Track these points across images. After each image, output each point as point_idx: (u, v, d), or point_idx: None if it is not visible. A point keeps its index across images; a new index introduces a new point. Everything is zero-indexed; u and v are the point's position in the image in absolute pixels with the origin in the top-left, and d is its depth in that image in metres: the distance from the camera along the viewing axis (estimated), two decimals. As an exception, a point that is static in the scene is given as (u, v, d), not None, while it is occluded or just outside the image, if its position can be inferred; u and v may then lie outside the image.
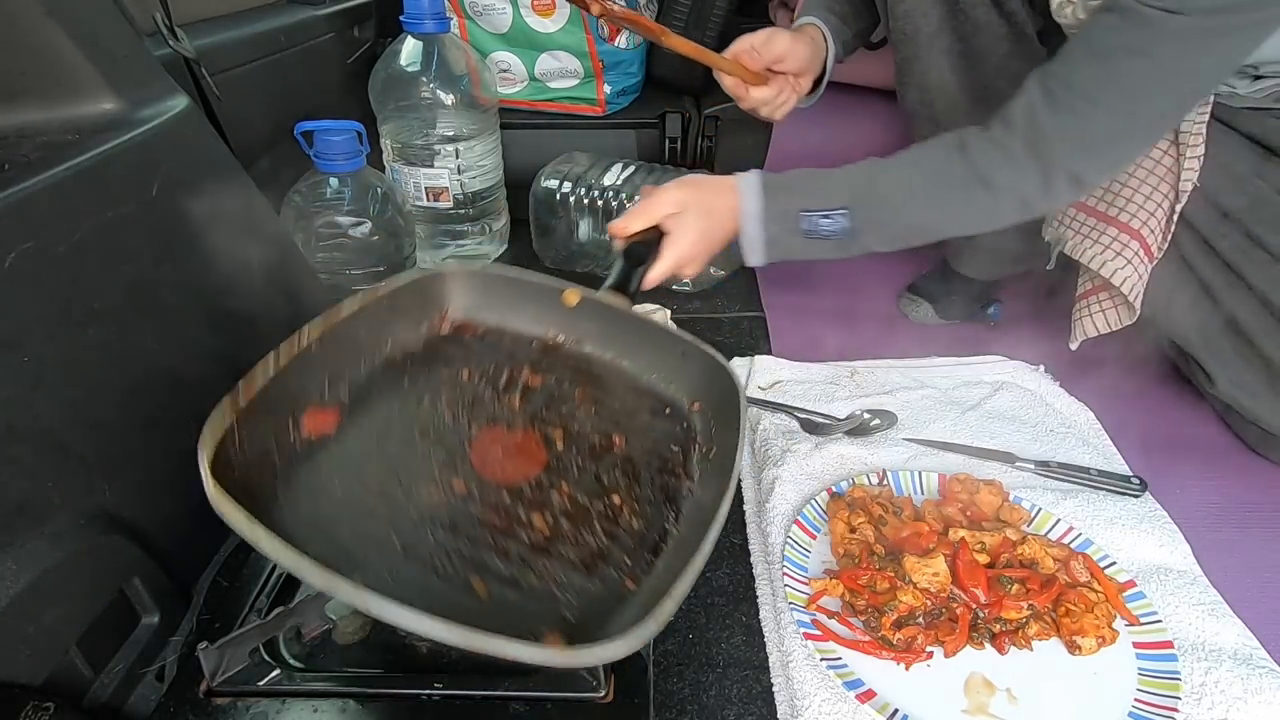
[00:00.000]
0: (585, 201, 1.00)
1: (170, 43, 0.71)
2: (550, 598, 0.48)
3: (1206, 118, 0.68)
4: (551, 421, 0.60)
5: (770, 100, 0.81)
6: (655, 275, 0.69)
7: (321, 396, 0.55)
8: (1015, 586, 0.54)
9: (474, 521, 0.51)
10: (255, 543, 0.41)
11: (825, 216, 0.69)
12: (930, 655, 0.52)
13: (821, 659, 0.51)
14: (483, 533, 0.51)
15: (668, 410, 0.63)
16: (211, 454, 0.43)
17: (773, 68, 0.80)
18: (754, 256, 0.73)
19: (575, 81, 1.13)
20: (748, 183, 0.71)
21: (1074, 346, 0.80)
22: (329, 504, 0.50)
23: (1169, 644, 0.53)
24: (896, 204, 0.69)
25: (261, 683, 0.49)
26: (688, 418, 0.63)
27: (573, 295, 0.65)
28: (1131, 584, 0.57)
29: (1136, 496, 0.67)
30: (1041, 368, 0.84)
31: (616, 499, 0.55)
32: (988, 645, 0.53)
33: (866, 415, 0.75)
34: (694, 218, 0.70)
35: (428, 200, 1.01)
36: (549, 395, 0.62)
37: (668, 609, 0.41)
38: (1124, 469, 0.71)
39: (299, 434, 0.53)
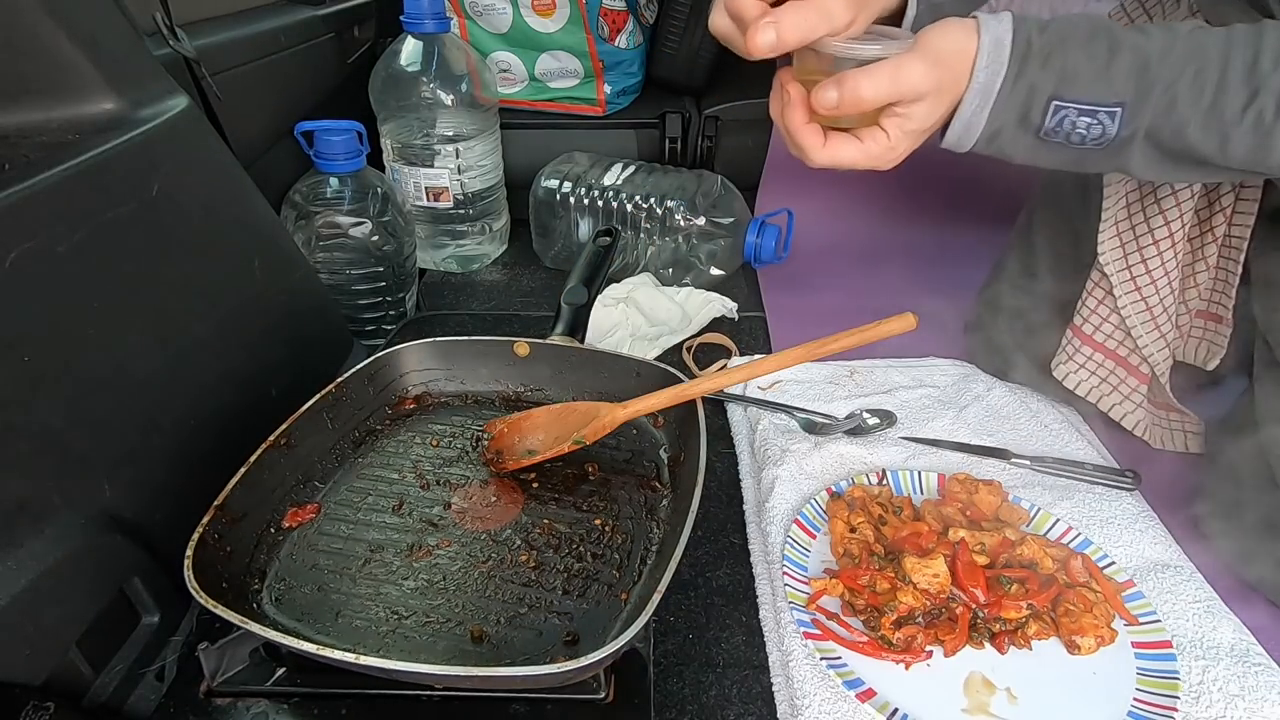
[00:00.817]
0: (585, 201, 1.00)
1: (170, 43, 0.71)
2: (550, 626, 0.51)
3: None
4: (525, 467, 0.63)
5: None
6: (870, 87, 0.47)
7: (298, 494, 0.59)
8: (1014, 586, 0.54)
9: (464, 574, 0.54)
10: (262, 635, 0.44)
11: (1087, 113, 0.48)
12: (930, 655, 0.52)
13: (821, 658, 0.51)
14: (474, 582, 0.54)
15: (634, 431, 0.66)
16: (194, 564, 0.47)
17: None
18: (961, 137, 0.51)
19: (575, 81, 1.13)
20: (993, 34, 0.48)
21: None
22: (320, 584, 0.53)
23: (1168, 644, 0.53)
24: (1205, 105, 0.47)
25: (262, 683, 0.49)
26: (654, 433, 0.66)
27: (523, 347, 0.70)
28: (1130, 584, 0.57)
29: (1130, 490, 0.67)
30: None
31: (598, 521, 0.59)
32: (987, 645, 0.53)
33: (866, 415, 0.75)
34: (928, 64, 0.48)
35: (428, 200, 1.01)
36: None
37: (647, 611, 0.44)
38: (1115, 464, 0.71)
39: (280, 526, 0.57)
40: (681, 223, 0.97)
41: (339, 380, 0.64)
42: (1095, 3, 1.11)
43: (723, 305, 0.93)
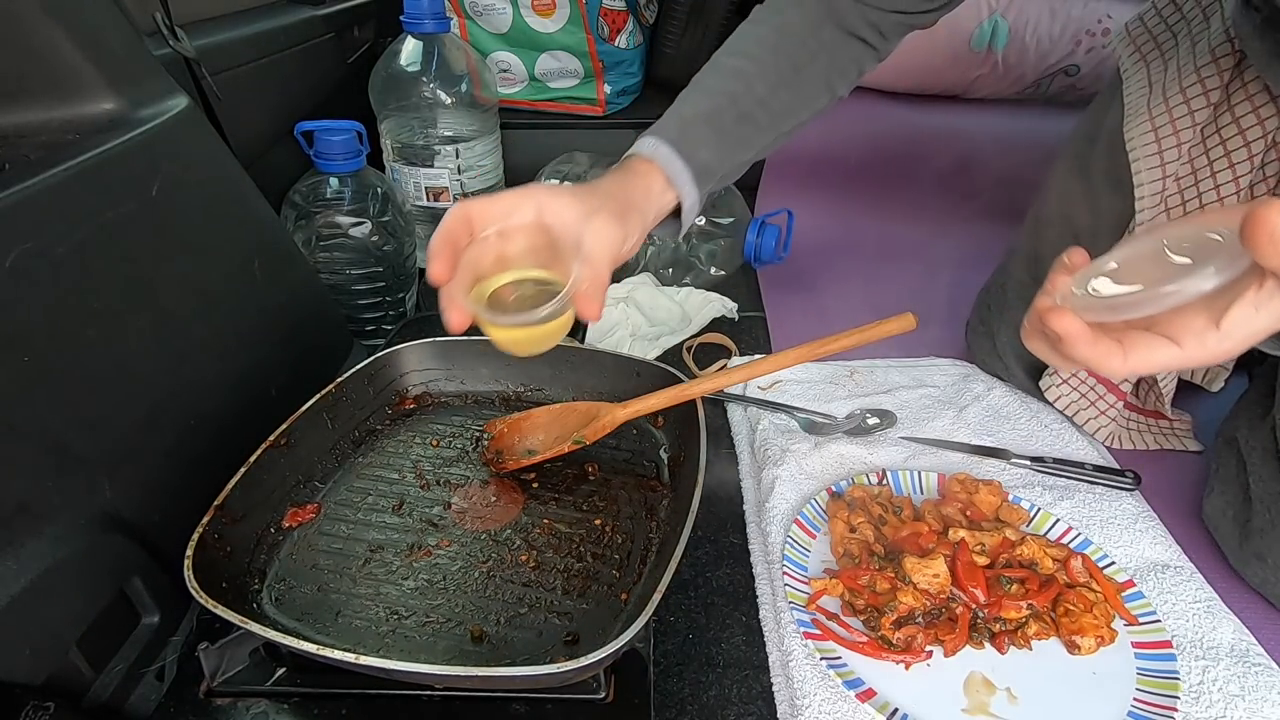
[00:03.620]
0: (585, 201, 1.00)
1: (170, 43, 0.71)
2: (550, 626, 0.51)
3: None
4: (525, 467, 0.63)
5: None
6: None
7: (298, 494, 0.59)
8: (1014, 586, 0.54)
9: (464, 574, 0.55)
10: (263, 635, 0.44)
11: None
12: (930, 655, 0.52)
13: (821, 658, 0.51)
14: (474, 583, 0.54)
15: (634, 431, 0.66)
16: (194, 564, 0.47)
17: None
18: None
19: (575, 81, 1.13)
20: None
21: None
22: (320, 584, 0.53)
23: (1168, 644, 0.53)
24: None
25: (262, 683, 0.49)
26: (654, 433, 0.66)
27: None
28: (1130, 584, 0.57)
29: (1129, 490, 0.67)
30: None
31: (598, 521, 0.59)
32: (987, 645, 0.53)
33: (866, 415, 0.75)
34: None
35: (428, 200, 1.01)
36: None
37: (647, 611, 0.44)
38: (1114, 464, 0.71)
39: (280, 526, 0.57)
40: (681, 223, 0.97)
41: (339, 380, 0.64)
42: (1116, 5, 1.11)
43: (723, 305, 0.93)
